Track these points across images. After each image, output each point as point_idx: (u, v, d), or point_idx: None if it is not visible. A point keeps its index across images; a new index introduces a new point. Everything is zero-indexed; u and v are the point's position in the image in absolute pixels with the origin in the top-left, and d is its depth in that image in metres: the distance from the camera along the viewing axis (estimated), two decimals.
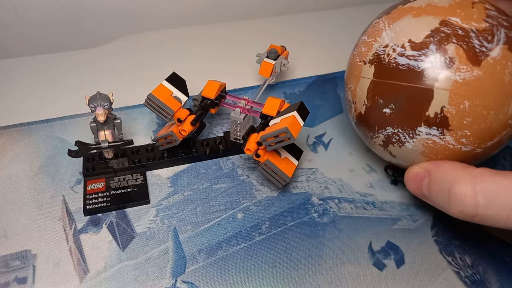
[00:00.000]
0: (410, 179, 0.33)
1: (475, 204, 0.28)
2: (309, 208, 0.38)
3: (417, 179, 0.32)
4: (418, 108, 0.31)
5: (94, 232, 0.35)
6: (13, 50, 0.56)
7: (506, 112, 0.30)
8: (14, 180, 0.38)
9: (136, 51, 0.54)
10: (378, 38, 0.34)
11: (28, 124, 0.43)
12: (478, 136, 0.31)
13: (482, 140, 0.31)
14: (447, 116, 0.30)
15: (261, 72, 0.46)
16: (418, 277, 0.33)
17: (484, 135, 0.31)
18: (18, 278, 0.32)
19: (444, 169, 0.31)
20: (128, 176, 0.38)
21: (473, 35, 0.30)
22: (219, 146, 0.41)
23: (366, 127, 0.36)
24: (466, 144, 0.31)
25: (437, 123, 0.31)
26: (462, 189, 0.28)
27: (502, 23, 0.30)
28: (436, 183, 0.31)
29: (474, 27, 0.30)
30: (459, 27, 0.30)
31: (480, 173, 0.29)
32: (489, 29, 0.30)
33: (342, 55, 0.54)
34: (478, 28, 0.30)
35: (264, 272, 0.33)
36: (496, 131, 0.31)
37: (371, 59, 0.33)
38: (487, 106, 0.29)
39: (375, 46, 0.34)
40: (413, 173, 0.33)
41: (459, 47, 0.30)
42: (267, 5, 0.64)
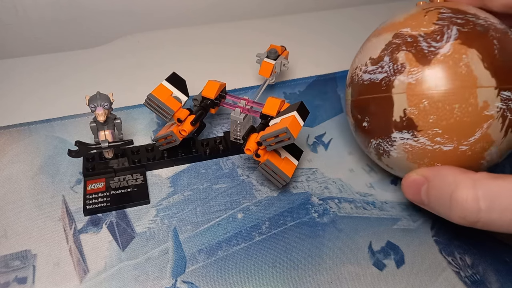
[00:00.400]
0: (407, 186, 0.33)
1: (477, 209, 0.28)
2: (309, 208, 0.38)
3: (415, 186, 0.32)
4: (385, 115, 0.33)
5: (94, 232, 0.35)
6: (13, 50, 0.56)
7: (475, 103, 0.30)
8: (14, 180, 0.38)
9: (136, 51, 0.54)
10: (353, 63, 0.38)
11: (28, 124, 0.43)
12: (453, 132, 0.31)
13: (460, 136, 0.31)
14: (411, 118, 0.31)
15: (261, 72, 0.46)
16: (418, 277, 0.33)
17: (459, 130, 0.30)
18: (18, 278, 0.32)
19: (443, 174, 0.30)
20: (128, 176, 0.38)
21: (421, 39, 0.32)
22: (219, 146, 0.41)
23: (361, 144, 0.38)
24: (444, 142, 0.31)
25: (404, 126, 0.32)
26: (464, 194, 0.28)
27: (456, 21, 0.31)
28: (435, 189, 0.30)
29: (423, 31, 0.32)
30: (408, 36, 0.32)
31: (480, 177, 0.28)
32: (438, 30, 0.31)
33: (342, 55, 0.54)
34: (426, 32, 0.32)
35: (264, 272, 0.33)
36: (472, 125, 0.30)
37: (349, 82, 0.37)
38: (448, 101, 0.30)
39: (350, 70, 0.38)
40: (411, 180, 0.32)
41: (408, 52, 0.32)
42: (267, 5, 0.64)
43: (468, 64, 0.30)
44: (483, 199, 0.27)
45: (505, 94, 0.30)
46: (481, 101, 0.30)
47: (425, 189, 0.31)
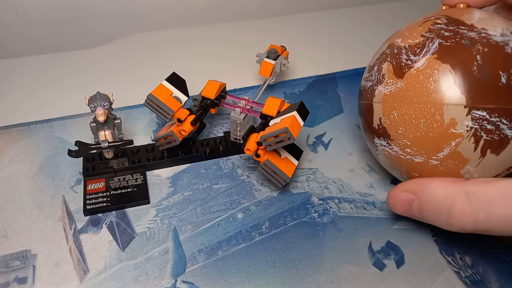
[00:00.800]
0: (396, 202, 0.33)
1: (475, 221, 0.28)
2: (309, 208, 0.38)
3: (405, 202, 0.32)
4: (368, 121, 0.35)
5: (94, 232, 0.35)
6: (13, 50, 0.56)
7: (441, 120, 0.29)
8: (14, 180, 0.38)
9: (136, 51, 0.54)
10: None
11: (28, 124, 0.43)
12: (420, 146, 0.31)
13: (427, 150, 0.31)
14: (385, 127, 0.33)
15: (261, 72, 0.46)
16: (418, 277, 0.33)
17: (425, 144, 0.30)
18: (18, 278, 0.32)
19: (432, 189, 0.30)
20: (128, 176, 0.38)
21: (403, 51, 0.32)
22: (219, 146, 0.41)
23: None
24: (413, 154, 0.31)
25: (380, 133, 0.33)
26: (460, 210, 0.29)
27: (442, 34, 0.30)
28: (429, 205, 0.31)
29: (408, 43, 0.32)
30: (396, 47, 0.33)
31: (471, 187, 0.29)
32: (422, 42, 0.31)
33: (342, 55, 0.54)
34: (410, 44, 0.32)
35: (264, 272, 0.33)
36: (439, 140, 0.30)
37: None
38: (414, 114, 0.30)
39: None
40: (398, 198, 0.33)
41: (390, 64, 0.32)
42: (267, 6, 0.64)
43: (437, 80, 0.29)
44: (480, 211, 0.28)
45: (478, 114, 0.28)
46: (448, 118, 0.29)
47: (417, 205, 0.32)
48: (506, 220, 0.28)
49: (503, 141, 0.29)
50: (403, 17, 0.59)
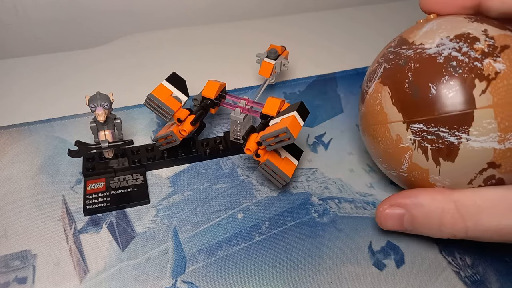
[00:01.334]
0: (386, 219, 0.33)
1: (465, 229, 0.29)
2: (309, 208, 0.38)
3: (395, 218, 0.33)
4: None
5: (94, 232, 0.35)
6: (13, 50, 0.56)
7: (390, 137, 0.32)
8: (14, 180, 0.38)
9: (136, 51, 0.54)
10: None
11: (28, 124, 0.43)
12: (388, 162, 0.34)
13: (394, 165, 0.33)
14: (366, 146, 0.37)
15: (261, 72, 0.46)
16: (418, 277, 0.33)
17: (390, 160, 0.33)
18: (18, 278, 0.32)
19: (421, 201, 0.31)
20: (128, 176, 0.38)
21: (366, 79, 0.35)
22: (219, 146, 0.41)
23: None
24: (388, 168, 0.35)
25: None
26: (451, 218, 0.30)
27: (388, 57, 0.33)
28: (421, 218, 0.31)
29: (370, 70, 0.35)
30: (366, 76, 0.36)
31: (459, 196, 0.30)
32: (375, 69, 0.34)
33: (342, 55, 0.54)
34: (370, 71, 0.35)
35: (264, 272, 0.33)
36: (396, 155, 0.32)
37: None
38: (373, 134, 0.34)
39: None
40: (390, 214, 0.33)
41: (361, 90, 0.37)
42: (267, 6, 0.64)
43: (381, 102, 0.32)
44: (469, 219, 0.29)
45: (416, 127, 0.30)
46: (394, 135, 0.32)
47: (408, 219, 0.32)
48: (493, 229, 0.28)
49: (451, 148, 0.29)
50: (403, 17, 0.59)
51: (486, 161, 0.29)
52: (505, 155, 0.29)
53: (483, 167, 0.29)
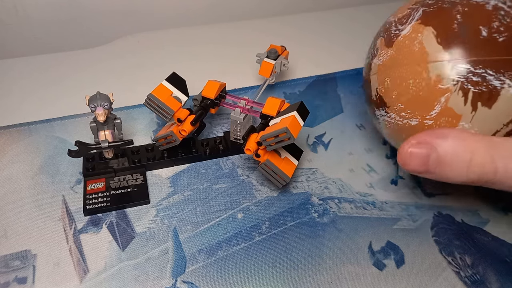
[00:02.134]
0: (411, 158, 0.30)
1: (494, 171, 0.28)
2: (309, 208, 0.38)
3: (421, 157, 0.30)
4: (369, 96, 0.37)
5: (94, 232, 0.35)
6: (13, 50, 0.56)
7: (428, 78, 0.31)
8: (14, 180, 0.38)
9: (136, 51, 0.54)
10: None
11: (28, 124, 0.43)
12: (413, 107, 0.32)
13: (420, 111, 0.32)
14: (381, 95, 0.35)
15: (261, 72, 0.46)
16: (418, 277, 0.33)
17: (417, 104, 0.32)
18: (18, 278, 0.32)
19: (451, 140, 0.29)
20: (128, 176, 0.38)
21: (393, 24, 0.35)
22: (219, 146, 0.41)
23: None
24: (409, 117, 0.33)
25: (378, 103, 0.35)
26: (482, 159, 0.28)
27: (427, 2, 0.33)
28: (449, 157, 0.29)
29: (397, 17, 0.35)
30: (388, 23, 0.36)
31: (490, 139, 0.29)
32: (408, 13, 0.34)
33: (342, 55, 0.54)
34: (399, 17, 0.35)
35: (264, 272, 0.33)
36: (428, 99, 0.31)
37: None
38: (403, 76, 0.32)
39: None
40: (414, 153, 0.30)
41: (382, 38, 0.35)
42: (267, 6, 0.64)
43: (421, 42, 0.31)
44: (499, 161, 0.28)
45: (462, 67, 0.30)
46: (434, 75, 0.31)
47: (435, 158, 0.29)
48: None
49: (492, 92, 0.29)
50: None
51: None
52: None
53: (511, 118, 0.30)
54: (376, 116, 0.37)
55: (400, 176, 0.41)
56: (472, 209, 0.38)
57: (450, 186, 0.39)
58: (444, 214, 0.38)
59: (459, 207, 0.38)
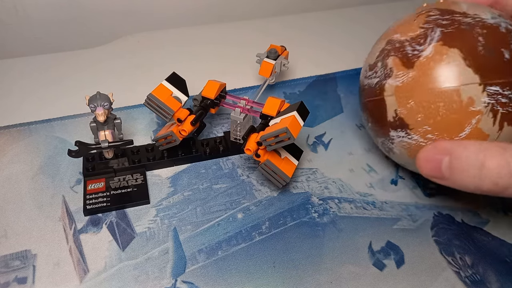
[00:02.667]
0: (425, 161, 0.31)
1: (509, 174, 0.28)
2: (309, 208, 0.38)
3: (435, 161, 0.31)
4: (381, 116, 0.35)
5: (94, 232, 0.35)
6: (13, 50, 0.56)
7: (459, 100, 0.31)
8: (14, 180, 0.38)
9: (136, 51, 0.54)
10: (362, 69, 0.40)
11: (28, 124, 0.43)
12: (441, 129, 0.32)
13: (449, 133, 0.32)
14: (402, 117, 0.33)
15: (261, 72, 0.46)
16: (418, 277, 0.33)
17: (447, 127, 0.32)
18: (18, 278, 0.32)
19: (465, 145, 0.29)
20: (128, 176, 0.38)
21: (407, 44, 0.34)
22: (219, 146, 0.41)
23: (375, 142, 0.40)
24: (435, 139, 0.33)
25: (398, 125, 0.34)
26: (496, 161, 0.28)
27: (441, 23, 0.33)
28: (460, 161, 0.29)
29: (410, 36, 0.34)
30: (397, 41, 0.35)
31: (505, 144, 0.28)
32: (423, 33, 0.33)
33: (342, 55, 0.54)
34: (412, 36, 0.34)
35: (264, 272, 0.33)
36: (459, 121, 0.31)
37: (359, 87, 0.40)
38: (432, 100, 0.32)
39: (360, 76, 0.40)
40: (429, 155, 0.31)
41: (396, 57, 0.34)
42: (267, 6, 0.64)
43: (449, 64, 0.31)
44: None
45: (492, 89, 0.30)
46: (466, 97, 0.31)
47: (447, 162, 0.30)
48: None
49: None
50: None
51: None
52: None
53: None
54: (390, 138, 0.35)
55: (400, 176, 0.41)
56: (472, 209, 0.38)
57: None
58: (444, 214, 0.38)
59: (459, 207, 0.38)
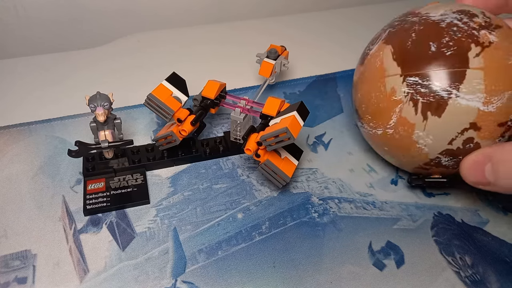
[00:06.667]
0: (468, 169, 0.32)
1: None
2: (309, 208, 0.38)
3: (478, 167, 0.31)
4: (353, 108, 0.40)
5: (94, 232, 0.35)
6: (13, 50, 0.56)
7: (384, 91, 0.34)
8: (14, 180, 0.38)
9: (136, 51, 0.54)
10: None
11: (28, 124, 0.43)
12: (377, 118, 0.36)
13: (382, 121, 0.35)
14: (356, 109, 0.39)
15: (261, 72, 0.46)
16: (418, 277, 0.33)
17: (379, 115, 0.35)
18: (18, 278, 0.32)
19: (508, 149, 0.30)
20: (128, 176, 0.38)
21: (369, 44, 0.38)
22: (219, 146, 0.41)
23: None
24: (375, 127, 0.36)
25: (357, 115, 0.39)
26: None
27: (394, 24, 0.36)
28: (504, 165, 0.30)
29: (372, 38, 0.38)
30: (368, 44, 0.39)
31: None
32: (379, 34, 0.37)
33: (342, 55, 0.54)
34: (373, 38, 0.38)
35: (264, 272, 0.33)
36: (387, 110, 0.34)
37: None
38: (369, 91, 0.36)
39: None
40: (471, 162, 0.31)
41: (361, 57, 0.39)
42: (267, 5, 0.64)
43: (381, 59, 0.35)
44: None
45: (411, 80, 0.32)
46: (389, 88, 0.34)
47: (490, 167, 0.30)
48: None
49: (440, 102, 0.32)
50: None
51: (469, 121, 0.31)
52: (486, 118, 0.31)
53: (465, 127, 0.31)
54: (358, 128, 0.40)
55: (400, 176, 0.41)
56: (472, 209, 0.38)
57: (450, 186, 0.39)
58: (444, 214, 0.38)
59: (459, 207, 0.38)
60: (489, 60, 0.31)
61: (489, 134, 0.32)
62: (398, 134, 0.34)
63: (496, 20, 0.33)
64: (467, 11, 0.33)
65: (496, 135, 0.32)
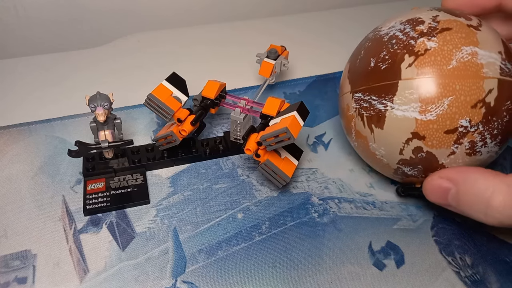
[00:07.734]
0: (432, 190, 0.32)
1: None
2: (309, 208, 0.38)
3: (441, 190, 0.31)
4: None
5: (94, 232, 0.35)
6: (13, 50, 0.56)
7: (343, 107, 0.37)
8: (14, 180, 0.38)
9: (136, 51, 0.54)
10: None
11: (28, 124, 0.43)
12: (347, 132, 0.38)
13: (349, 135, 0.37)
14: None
15: (261, 72, 0.46)
16: (418, 277, 0.33)
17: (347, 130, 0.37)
18: (18, 278, 0.32)
19: (473, 179, 0.30)
20: (128, 176, 0.38)
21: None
22: (219, 146, 0.41)
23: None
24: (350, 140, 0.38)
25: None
26: (502, 202, 0.28)
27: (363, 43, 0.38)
28: (467, 195, 0.30)
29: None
30: None
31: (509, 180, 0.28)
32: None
33: (342, 55, 0.54)
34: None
35: (264, 272, 0.33)
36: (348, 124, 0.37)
37: None
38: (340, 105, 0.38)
39: None
40: (435, 185, 0.32)
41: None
42: (267, 5, 0.64)
43: (344, 77, 0.37)
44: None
45: (357, 96, 0.34)
46: (345, 104, 0.36)
47: (454, 194, 0.31)
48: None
49: (379, 115, 0.33)
50: None
51: (410, 131, 0.31)
52: (427, 127, 0.31)
53: (408, 137, 0.32)
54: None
55: None
56: None
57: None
58: (444, 214, 0.38)
59: None
60: (422, 69, 0.31)
61: (437, 143, 0.31)
62: (361, 146, 0.36)
63: (447, 23, 0.32)
64: (415, 19, 0.33)
65: (447, 143, 0.31)
